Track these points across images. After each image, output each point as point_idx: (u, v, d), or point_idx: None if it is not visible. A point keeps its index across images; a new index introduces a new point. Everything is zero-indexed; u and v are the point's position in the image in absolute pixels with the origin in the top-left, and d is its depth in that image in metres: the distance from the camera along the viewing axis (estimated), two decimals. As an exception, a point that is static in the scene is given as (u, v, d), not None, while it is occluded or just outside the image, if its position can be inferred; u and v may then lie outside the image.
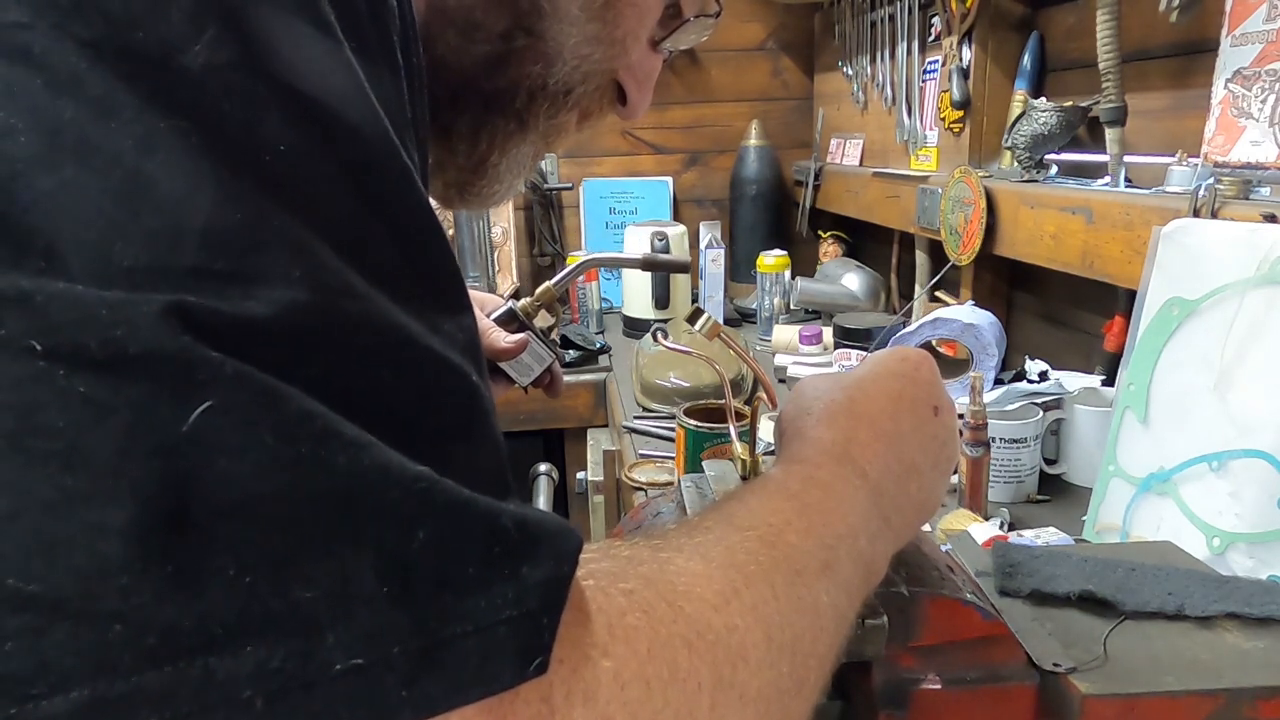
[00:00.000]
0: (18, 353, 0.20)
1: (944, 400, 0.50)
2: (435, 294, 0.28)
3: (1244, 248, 0.86)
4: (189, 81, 0.23)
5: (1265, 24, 0.96)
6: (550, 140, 0.54)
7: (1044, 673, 0.47)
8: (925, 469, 0.47)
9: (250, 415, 0.21)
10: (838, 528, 0.40)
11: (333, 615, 0.21)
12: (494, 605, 0.24)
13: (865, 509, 0.42)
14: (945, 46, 1.63)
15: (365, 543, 0.22)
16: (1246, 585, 0.54)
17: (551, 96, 0.50)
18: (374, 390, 0.25)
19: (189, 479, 0.20)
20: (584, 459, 1.81)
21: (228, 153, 0.23)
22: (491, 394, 0.30)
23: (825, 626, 0.36)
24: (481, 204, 0.57)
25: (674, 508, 0.56)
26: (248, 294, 0.22)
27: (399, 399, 0.25)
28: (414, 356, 0.26)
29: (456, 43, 0.47)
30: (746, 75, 2.49)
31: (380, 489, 0.23)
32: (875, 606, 0.43)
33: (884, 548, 0.44)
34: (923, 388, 0.49)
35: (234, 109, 0.24)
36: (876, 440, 0.46)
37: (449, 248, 0.29)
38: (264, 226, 0.23)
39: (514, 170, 0.55)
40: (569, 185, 2.43)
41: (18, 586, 0.19)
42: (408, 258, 0.27)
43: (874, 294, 2.01)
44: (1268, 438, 0.81)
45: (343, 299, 0.24)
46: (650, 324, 1.95)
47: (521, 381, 0.88)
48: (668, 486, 1.25)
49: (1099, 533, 0.97)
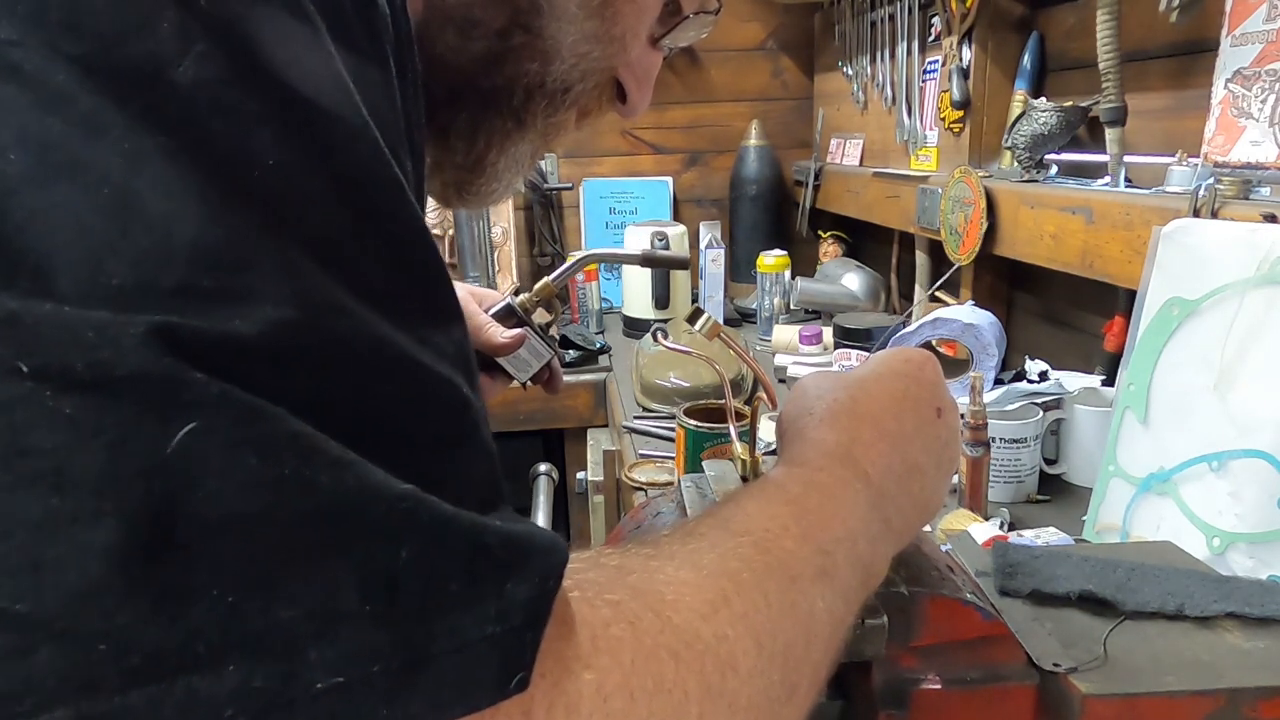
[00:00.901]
0: (6, 374, 0.20)
1: (947, 401, 0.50)
2: (425, 306, 0.28)
3: (1244, 248, 0.86)
4: (178, 97, 0.23)
5: (1265, 24, 0.96)
6: (549, 138, 0.54)
7: (1044, 673, 0.47)
8: (928, 470, 0.47)
9: (234, 436, 0.21)
10: (836, 532, 0.39)
11: (315, 634, 0.22)
12: (477, 622, 0.24)
13: (866, 512, 0.42)
14: (945, 46, 1.63)
15: (348, 561, 0.22)
16: (1246, 585, 0.54)
17: (549, 95, 0.50)
18: (362, 406, 0.25)
19: (173, 499, 0.21)
20: (584, 459, 1.81)
21: (217, 169, 0.23)
22: (484, 401, 0.31)
23: (819, 633, 0.36)
24: (480, 203, 0.56)
25: (674, 508, 0.56)
26: (235, 313, 0.22)
27: (387, 414, 0.25)
28: (402, 371, 0.26)
29: (454, 41, 0.47)
30: (746, 75, 2.49)
31: (364, 507, 0.23)
32: (875, 606, 0.43)
33: (885, 550, 0.43)
34: (926, 388, 0.49)
35: (223, 124, 0.24)
36: (879, 441, 0.45)
37: (439, 258, 0.29)
38: (251, 244, 0.23)
39: (513, 169, 0.54)
40: (569, 185, 2.43)
41: (4, 606, 0.19)
42: (397, 270, 0.27)
43: (874, 294, 2.01)
44: (1268, 438, 0.81)
45: (330, 315, 0.24)
46: (650, 324, 1.95)
47: (520, 378, 0.88)
48: (668, 486, 1.25)
49: (1099, 533, 0.97)
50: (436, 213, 2.32)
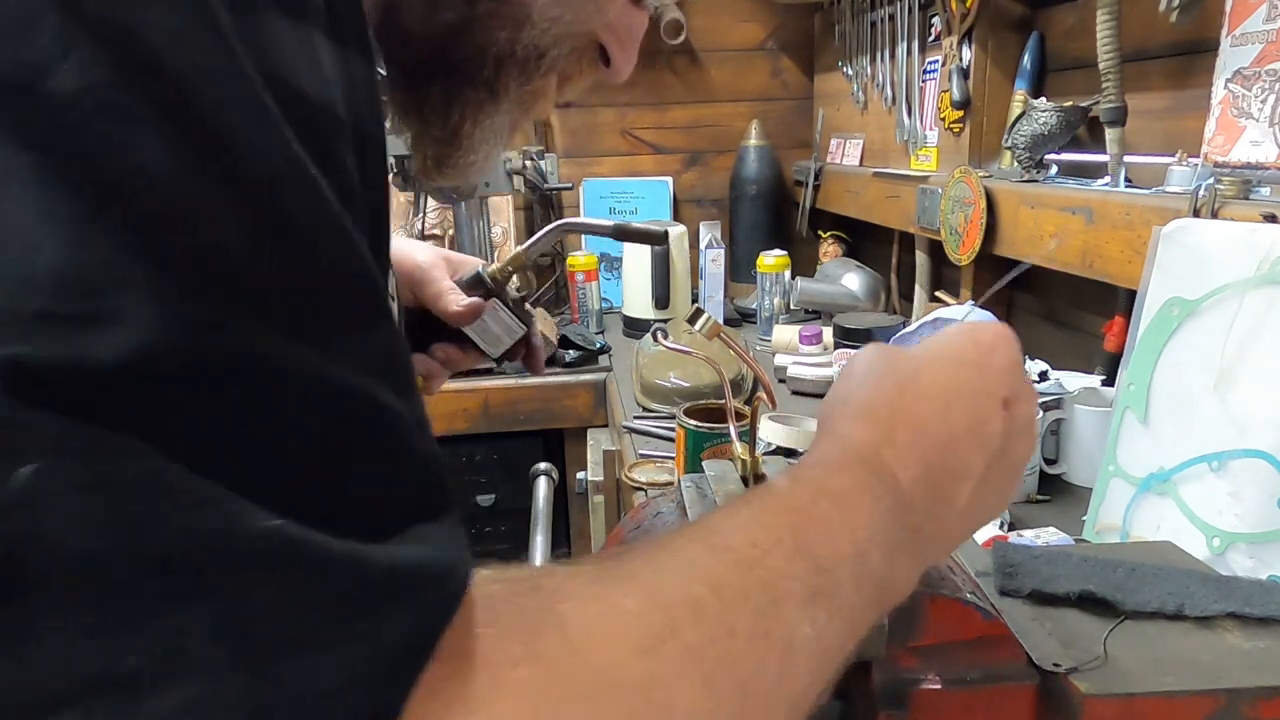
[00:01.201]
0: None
1: (1020, 389, 0.44)
2: (335, 311, 0.26)
3: (1244, 248, 0.86)
4: (54, 107, 0.22)
5: (1265, 24, 0.96)
6: (528, 107, 0.53)
7: (1044, 673, 0.47)
8: (980, 472, 0.43)
9: (79, 475, 0.21)
10: (841, 547, 0.36)
11: (159, 681, 0.21)
12: (342, 666, 0.23)
13: (885, 522, 0.38)
14: (945, 46, 1.63)
15: (201, 605, 0.21)
16: (1246, 585, 0.54)
17: (521, 62, 0.49)
18: (244, 429, 0.23)
19: (17, 543, 0.20)
20: (584, 459, 1.81)
21: (91, 185, 0.22)
22: (435, 383, 0.28)
23: (801, 662, 0.33)
24: (460, 176, 0.55)
25: (674, 508, 0.56)
26: (95, 339, 0.21)
27: (276, 435, 0.24)
28: (294, 388, 0.24)
29: (422, 12, 0.46)
30: (746, 75, 2.48)
31: (221, 547, 0.22)
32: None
33: (909, 562, 0.40)
34: (992, 377, 0.44)
35: (104, 133, 0.22)
36: (918, 443, 0.41)
37: (357, 255, 0.27)
38: (123, 264, 0.22)
39: (490, 140, 0.53)
40: (569, 185, 2.43)
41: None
42: (301, 275, 0.25)
43: (874, 294, 2.01)
44: (1268, 438, 0.81)
45: (206, 334, 0.23)
46: (650, 324, 1.95)
47: (491, 353, 0.82)
48: (668, 486, 1.25)
49: (1099, 533, 0.97)
50: (436, 212, 2.32)
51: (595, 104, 2.45)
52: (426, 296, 0.78)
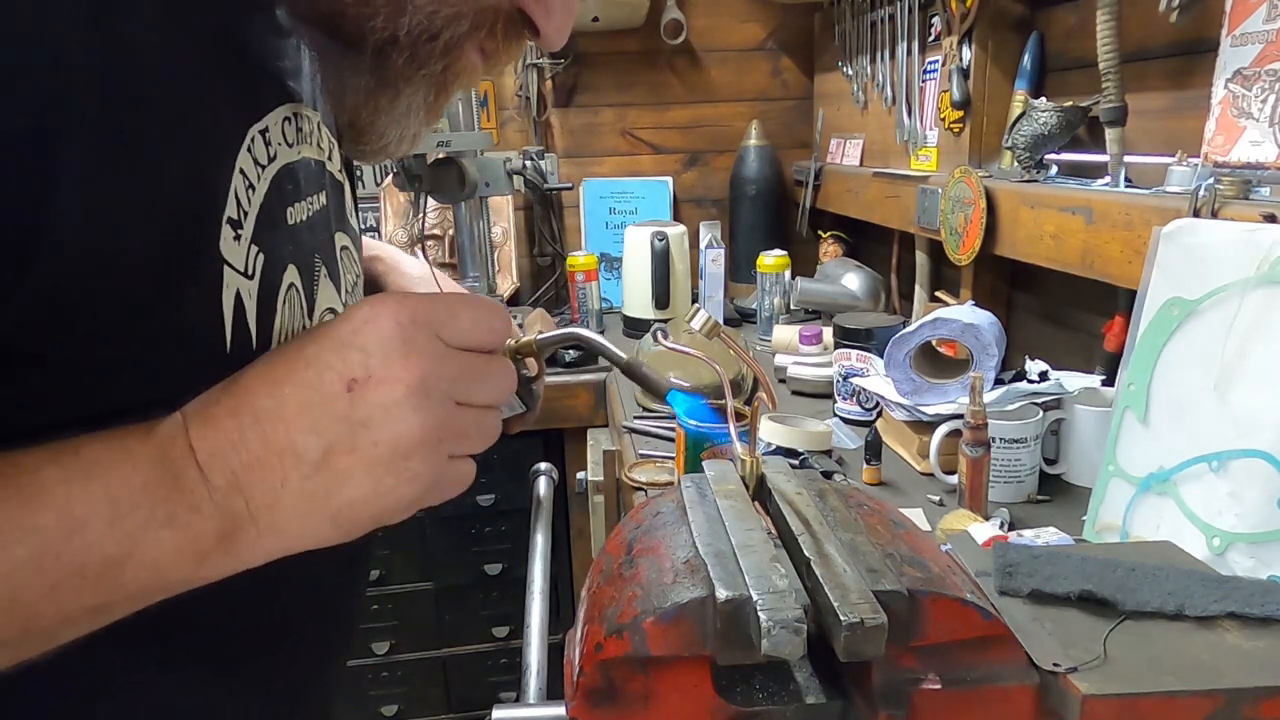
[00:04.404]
0: None
1: (376, 371, 0.41)
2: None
3: (1244, 248, 0.86)
4: None
5: (1265, 24, 0.96)
6: (443, 86, 0.52)
7: (1044, 673, 0.47)
8: (316, 455, 0.40)
9: None
10: (38, 519, 0.36)
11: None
12: None
13: (136, 493, 0.38)
14: (945, 46, 1.63)
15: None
16: (1246, 585, 0.54)
17: (408, 48, 0.48)
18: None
19: None
20: (584, 459, 1.81)
21: None
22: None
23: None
24: (382, 156, 0.55)
25: (674, 507, 0.56)
26: None
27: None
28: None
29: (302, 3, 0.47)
30: (746, 75, 2.49)
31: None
32: (875, 606, 0.43)
33: (180, 538, 0.39)
34: (347, 356, 0.41)
35: None
36: (232, 415, 0.40)
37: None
38: None
39: (401, 122, 0.52)
40: (569, 185, 2.43)
41: None
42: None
43: (874, 294, 2.01)
44: (1268, 438, 0.81)
45: None
46: (650, 324, 1.95)
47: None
48: (668, 486, 1.25)
49: (1099, 533, 0.97)
50: (436, 212, 2.32)
51: (595, 104, 2.46)
52: None
